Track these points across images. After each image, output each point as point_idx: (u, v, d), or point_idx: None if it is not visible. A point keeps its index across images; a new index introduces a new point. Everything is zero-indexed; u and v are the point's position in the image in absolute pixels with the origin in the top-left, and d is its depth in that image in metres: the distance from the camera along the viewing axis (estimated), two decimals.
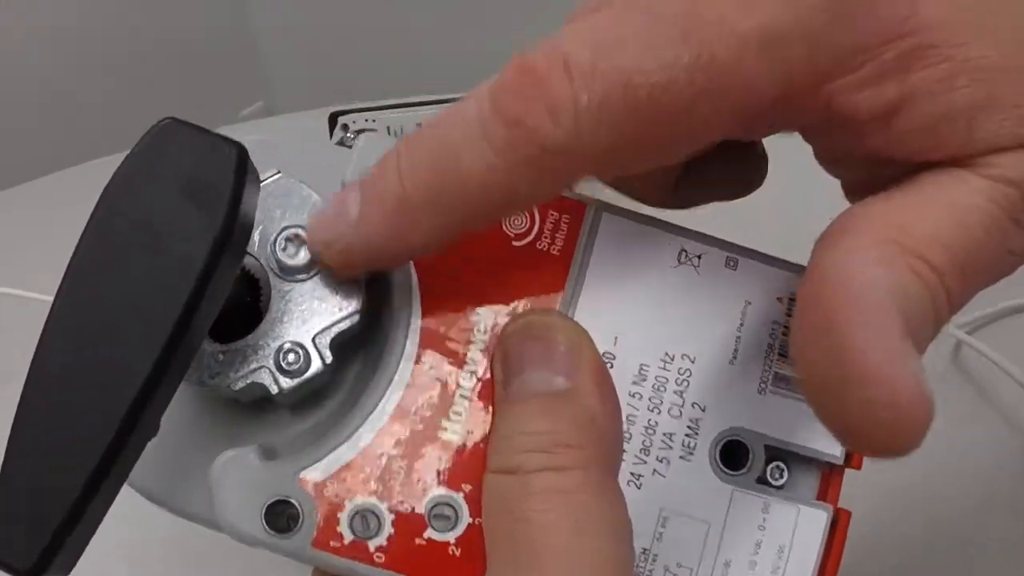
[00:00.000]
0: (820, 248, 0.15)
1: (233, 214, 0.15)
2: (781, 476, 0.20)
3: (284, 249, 0.18)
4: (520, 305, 0.19)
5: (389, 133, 0.43)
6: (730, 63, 0.14)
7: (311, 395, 0.19)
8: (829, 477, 0.20)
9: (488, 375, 0.19)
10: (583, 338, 0.18)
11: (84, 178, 0.57)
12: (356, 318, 0.18)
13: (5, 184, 0.55)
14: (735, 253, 0.20)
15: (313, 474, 0.18)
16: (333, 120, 0.46)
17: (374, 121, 0.44)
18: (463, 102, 0.16)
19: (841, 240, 0.15)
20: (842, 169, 0.18)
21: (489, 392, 0.19)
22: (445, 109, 0.16)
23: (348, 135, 0.44)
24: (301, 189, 0.19)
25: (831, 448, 0.19)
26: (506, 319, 0.19)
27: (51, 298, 0.15)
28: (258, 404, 0.19)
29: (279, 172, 0.19)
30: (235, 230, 0.15)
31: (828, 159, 0.18)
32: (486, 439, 0.18)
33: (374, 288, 0.19)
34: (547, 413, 0.17)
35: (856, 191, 0.18)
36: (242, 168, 0.15)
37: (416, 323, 0.19)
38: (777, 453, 0.19)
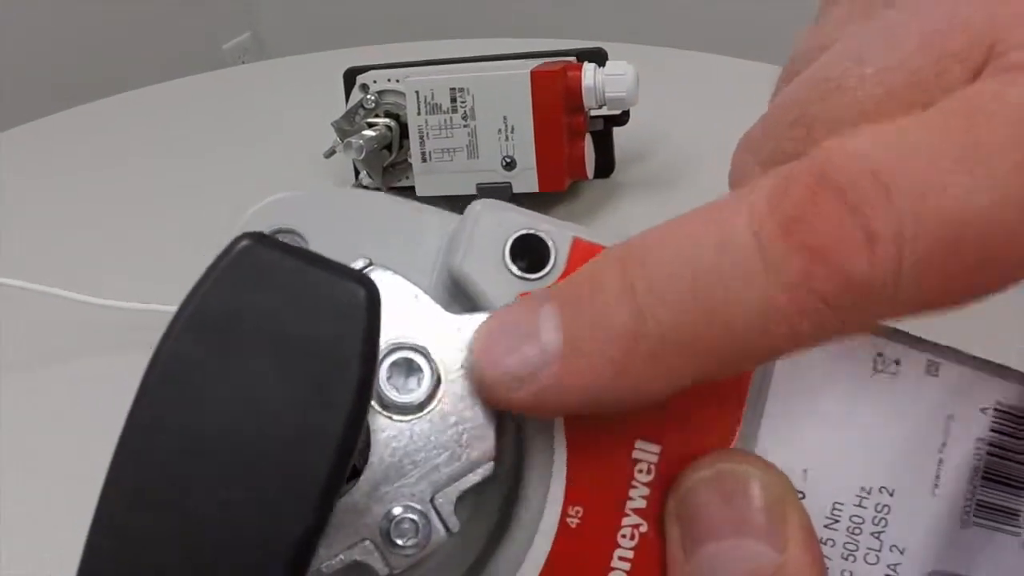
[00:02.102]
0: None
1: (365, 397, 0.10)
2: None
3: (390, 378, 0.14)
4: (694, 437, 0.15)
5: (418, 99, 0.36)
6: None
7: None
8: None
9: (650, 530, 0.15)
10: (788, 493, 0.14)
11: (61, 125, 0.51)
12: (491, 467, 0.14)
13: None
14: (937, 356, 0.16)
15: None
16: (349, 79, 0.39)
17: (397, 81, 0.38)
18: (715, 212, 0.11)
19: None
20: None
21: (654, 553, 0.15)
22: (678, 221, 0.12)
23: (367, 98, 0.37)
24: (404, 286, 0.14)
25: None
26: (676, 457, 0.15)
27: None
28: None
29: (370, 262, 0.14)
30: (363, 417, 0.10)
31: None
32: None
33: (506, 420, 0.14)
34: None
35: None
36: (373, 320, 0.10)
37: (561, 465, 0.14)
38: None
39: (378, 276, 0.14)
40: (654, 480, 0.15)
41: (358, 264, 0.14)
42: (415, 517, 0.14)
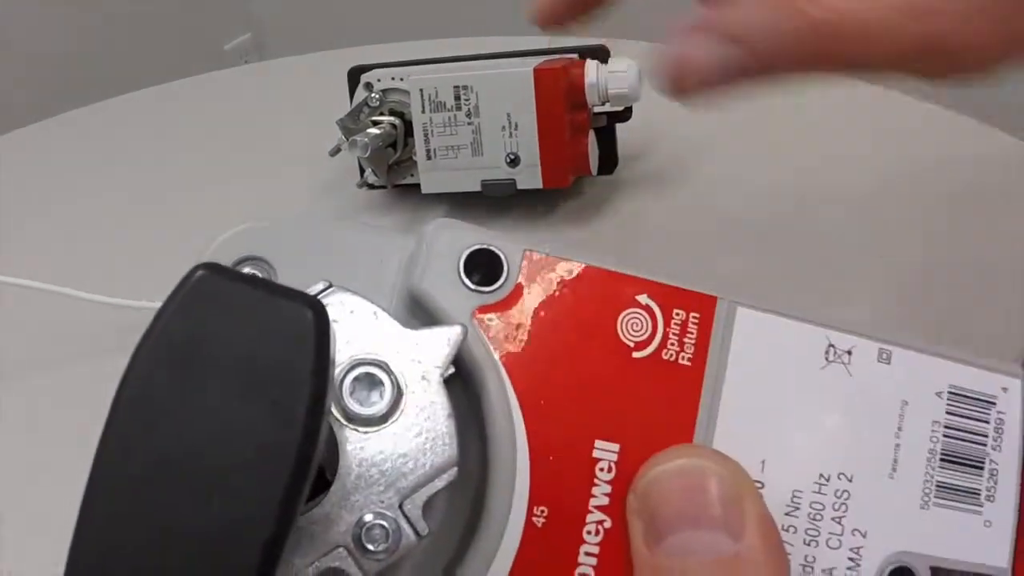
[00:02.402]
0: None
1: (318, 414, 0.11)
2: None
3: (353, 392, 0.14)
4: (652, 435, 0.15)
5: (422, 97, 0.37)
6: None
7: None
8: None
9: (614, 525, 0.15)
10: (744, 484, 0.15)
11: (64, 130, 0.52)
12: (454, 472, 0.15)
13: None
14: (888, 344, 0.17)
15: None
16: (354, 77, 0.40)
17: (402, 80, 0.38)
18: None
19: None
20: None
21: (619, 546, 0.15)
22: None
23: (372, 96, 0.38)
24: (364, 305, 0.15)
25: (997, 559, 0.17)
26: (635, 454, 0.15)
27: None
28: None
29: (329, 285, 0.15)
30: (317, 434, 0.11)
31: None
32: None
33: (469, 424, 0.15)
34: None
35: None
36: (323, 342, 0.11)
37: (524, 467, 0.15)
38: (937, 572, 0.17)
39: (338, 297, 0.15)
40: (615, 478, 0.15)
41: (317, 287, 0.14)
42: (385, 523, 0.14)
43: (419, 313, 0.16)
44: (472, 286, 0.16)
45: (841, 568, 0.16)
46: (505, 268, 0.16)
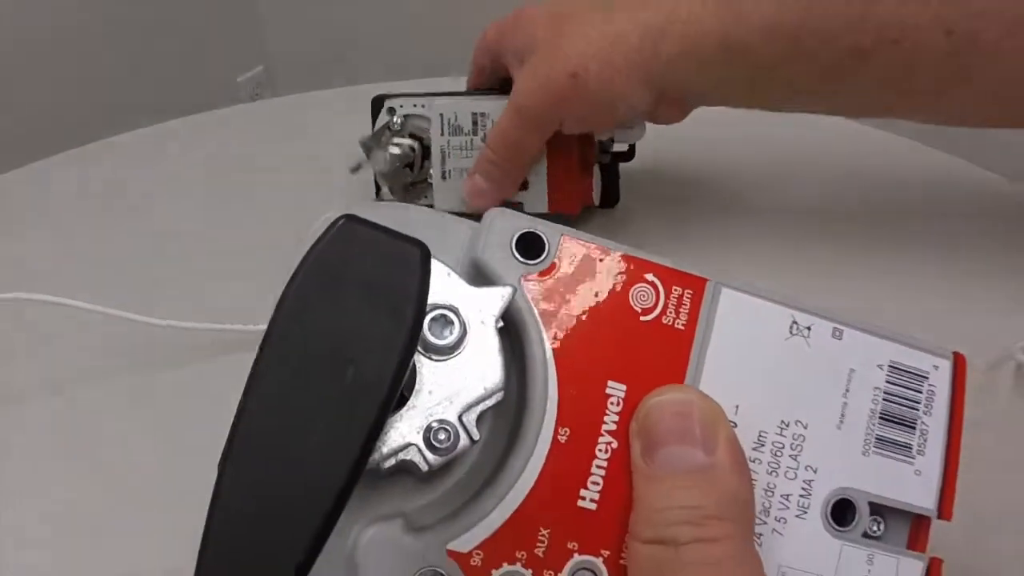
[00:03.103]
0: None
1: (420, 320, 0.16)
2: (879, 528, 0.21)
3: (430, 328, 0.19)
4: (651, 379, 0.20)
5: (442, 121, 0.42)
6: None
7: (443, 466, 0.20)
8: (919, 527, 0.21)
9: (619, 446, 0.20)
10: (719, 415, 0.19)
11: (83, 161, 0.56)
12: (501, 395, 0.19)
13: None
14: (840, 324, 0.21)
15: (459, 545, 0.19)
16: (377, 104, 0.44)
17: (423, 107, 0.42)
18: None
19: None
20: None
21: (622, 462, 0.20)
22: None
23: (394, 120, 0.42)
24: (440, 267, 0.19)
25: (925, 502, 0.21)
26: (638, 393, 0.20)
27: None
28: (382, 475, 0.20)
29: None
30: (418, 333, 0.16)
31: None
32: (622, 507, 0.19)
33: (513, 363, 0.20)
34: (694, 488, 0.18)
35: None
36: (426, 271, 0.16)
37: (553, 397, 0.20)
38: (876, 508, 0.21)
39: None
40: (622, 410, 0.20)
41: None
42: (448, 429, 0.19)
43: (479, 277, 0.20)
44: (520, 258, 0.20)
45: (795, 495, 0.20)
46: (547, 247, 0.21)
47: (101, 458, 0.32)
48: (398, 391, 0.15)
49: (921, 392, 0.22)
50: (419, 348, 0.19)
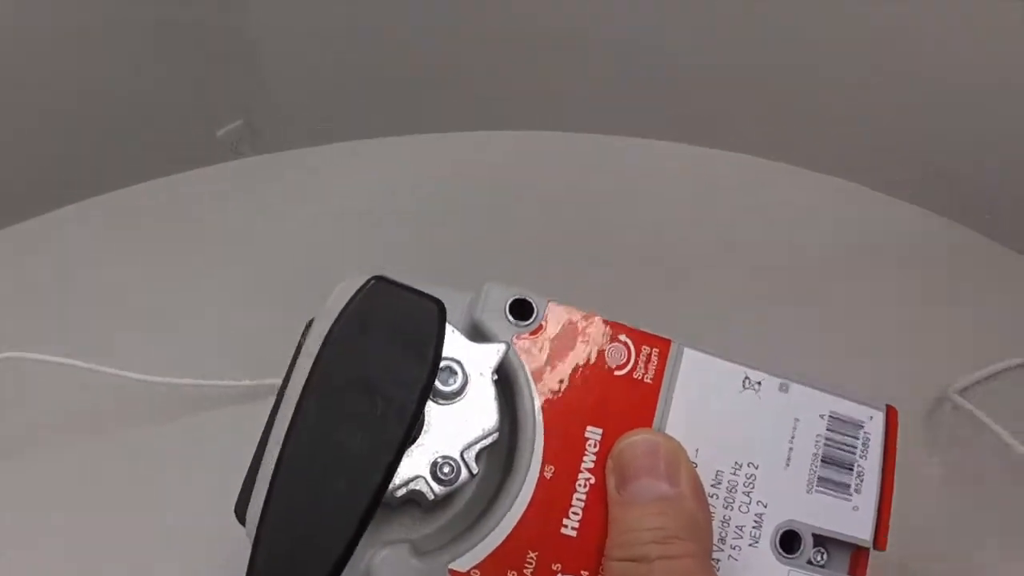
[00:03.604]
0: None
1: (437, 362, 0.19)
2: (822, 557, 0.24)
3: (437, 377, 0.22)
4: (624, 424, 0.24)
5: None
6: None
7: (445, 497, 0.23)
8: (858, 557, 0.25)
9: (596, 481, 0.23)
10: (681, 453, 0.23)
11: (49, 229, 0.47)
12: (496, 436, 0.22)
13: None
14: (786, 379, 0.25)
15: (460, 565, 0.22)
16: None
17: None
18: None
19: None
20: None
21: (599, 495, 0.23)
22: None
23: None
24: (447, 327, 0.23)
25: (862, 533, 0.24)
26: (613, 436, 0.23)
27: None
28: (393, 505, 0.23)
29: None
30: (436, 371, 0.19)
31: None
32: (599, 534, 0.23)
33: (506, 409, 0.23)
34: (660, 514, 0.21)
35: None
36: (443, 321, 0.19)
37: (540, 440, 0.23)
38: (819, 539, 0.24)
39: None
40: (599, 451, 0.23)
41: None
42: (452, 463, 0.22)
43: (477, 335, 0.24)
44: (513, 320, 0.24)
45: (748, 526, 0.24)
46: (535, 311, 0.24)
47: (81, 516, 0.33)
48: (420, 415, 0.19)
49: (858, 439, 0.25)
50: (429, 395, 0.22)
